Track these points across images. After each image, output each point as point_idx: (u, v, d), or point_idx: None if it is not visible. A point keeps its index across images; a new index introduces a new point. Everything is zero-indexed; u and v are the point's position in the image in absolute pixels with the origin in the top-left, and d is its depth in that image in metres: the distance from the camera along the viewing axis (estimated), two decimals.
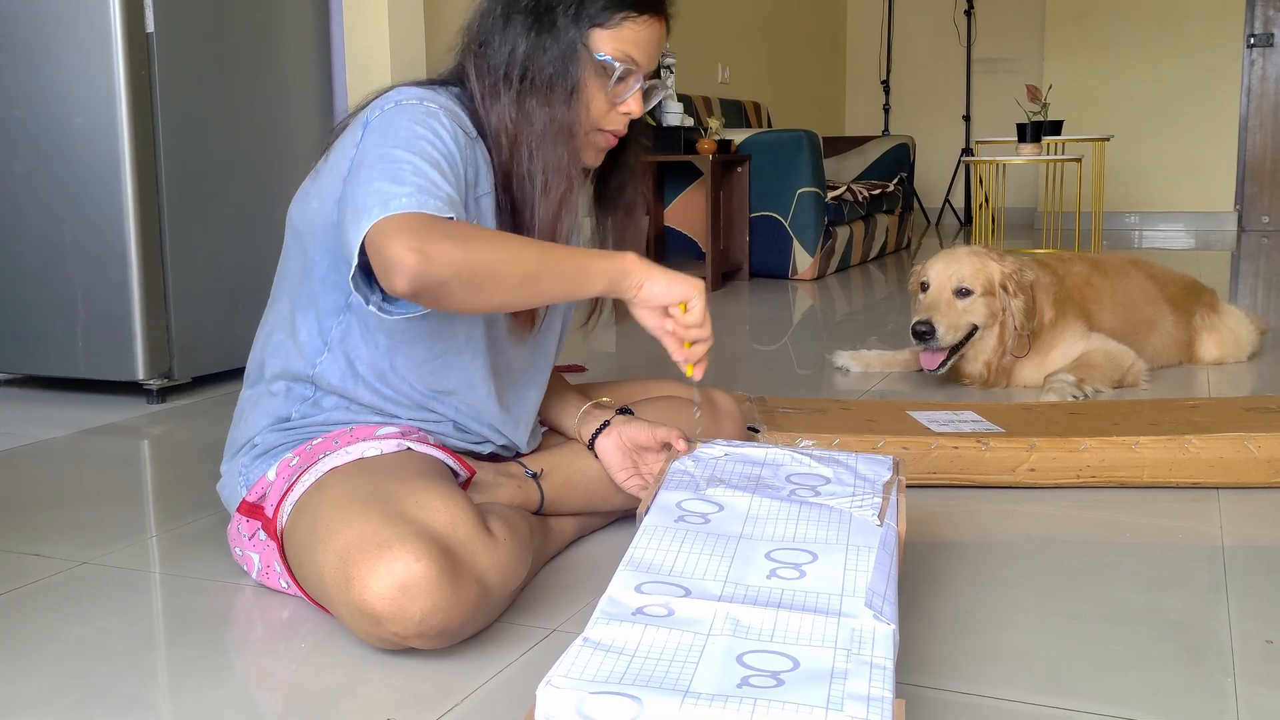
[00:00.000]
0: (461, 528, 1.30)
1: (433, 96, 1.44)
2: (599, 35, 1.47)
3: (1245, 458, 1.94)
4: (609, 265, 1.38)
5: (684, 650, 1.06)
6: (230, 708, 1.21)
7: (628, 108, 1.52)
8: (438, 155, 1.36)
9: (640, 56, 1.50)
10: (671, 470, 1.48)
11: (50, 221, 2.73)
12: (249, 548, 1.51)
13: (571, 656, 1.04)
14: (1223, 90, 7.83)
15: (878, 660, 1.05)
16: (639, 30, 1.49)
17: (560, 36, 1.46)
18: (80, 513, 1.90)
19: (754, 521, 1.33)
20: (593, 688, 0.99)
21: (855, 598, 1.16)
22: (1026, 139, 5.74)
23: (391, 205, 1.26)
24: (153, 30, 2.67)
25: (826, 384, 2.88)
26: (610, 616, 1.11)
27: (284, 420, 1.52)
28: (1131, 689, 1.23)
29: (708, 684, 1.00)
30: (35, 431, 2.48)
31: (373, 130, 1.40)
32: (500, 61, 1.47)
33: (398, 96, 1.43)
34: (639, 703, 0.97)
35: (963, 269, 2.68)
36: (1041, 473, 1.96)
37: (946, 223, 8.58)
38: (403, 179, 1.30)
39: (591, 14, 1.46)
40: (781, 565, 1.23)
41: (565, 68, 1.46)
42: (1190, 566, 1.60)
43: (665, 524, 1.32)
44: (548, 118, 1.46)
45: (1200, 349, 3.06)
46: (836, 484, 1.45)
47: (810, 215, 5.13)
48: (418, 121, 1.38)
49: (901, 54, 8.94)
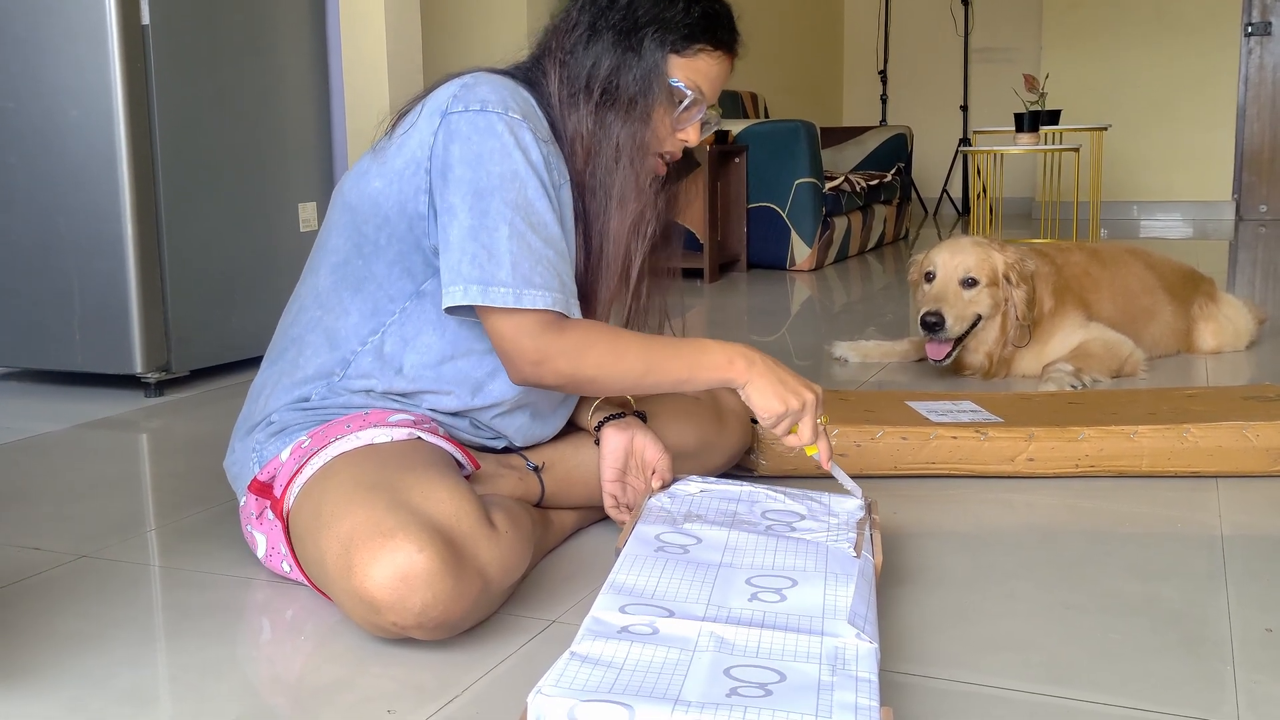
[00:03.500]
0: (465, 519, 1.30)
1: (513, 99, 1.45)
2: (675, 62, 1.52)
3: (1244, 446, 1.94)
4: (715, 372, 1.48)
5: (671, 664, 1.08)
6: (230, 701, 1.21)
7: (686, 135, 1.56)
8: (543, 204, 1.42)
9: (706, 88, 1.55)
10: (648, 506, 1.51)
11: (45, 214, 2.72)
12: (256, 527, 1.51)
13: (560, 668, 1.05)
14: (1221, 79, 7.81)
15: (862, 674, 1.06)
16: (711, 64, 1.54)
17: (645, 57, 1.50)
18: (78, 506, 1.89)
19: (733, 551, 1.37)
20: (584, 696, 1.00)
21: (837, 618, 1.18)
22: (1024, 129, 5.73)
23: (524, 300, 1.39)
24: (148, 22, 2.66)
25: (825, 374, 2.88)
26: (596, 634, 1.13)
27: (303, 400, 1.52)
28: (1131, 678, 1.24)
29: (697, 694, 1.01)
30: (33, 425, 2.48)
31: (462, 140, 1.42)
32: (583, 72, 1.51)
33: (481, 94, 1.43)
34: (630, 710, 0.98)
35: (968, 259, 2.68)
36: (1040, 462, 1.96)
37: (944, 213, 8.57)
38: (534, 267, 1.39)
39: (673, 41, 1.51)
40: (762, 590, 1.26)
41: (646, 87, 1.50)
42: (1189, 555, 1.60)
43: (645, 553, 1.34)
44: (625, 133, 1.50)
45: (1198, 338, 3.06)
46: (811, 520, 1.49)
47: (808, 206, 5.13)
48: (510, 151, 1.41)
49: (899, 44, 8.92)
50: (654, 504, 1.52)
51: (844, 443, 1.97)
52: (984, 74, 8.69)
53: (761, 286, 4.71)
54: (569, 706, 0.99)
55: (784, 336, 3.49)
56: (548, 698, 1.00)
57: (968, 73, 8.71)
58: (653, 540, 1.39)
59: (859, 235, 5.78)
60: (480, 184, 1.40)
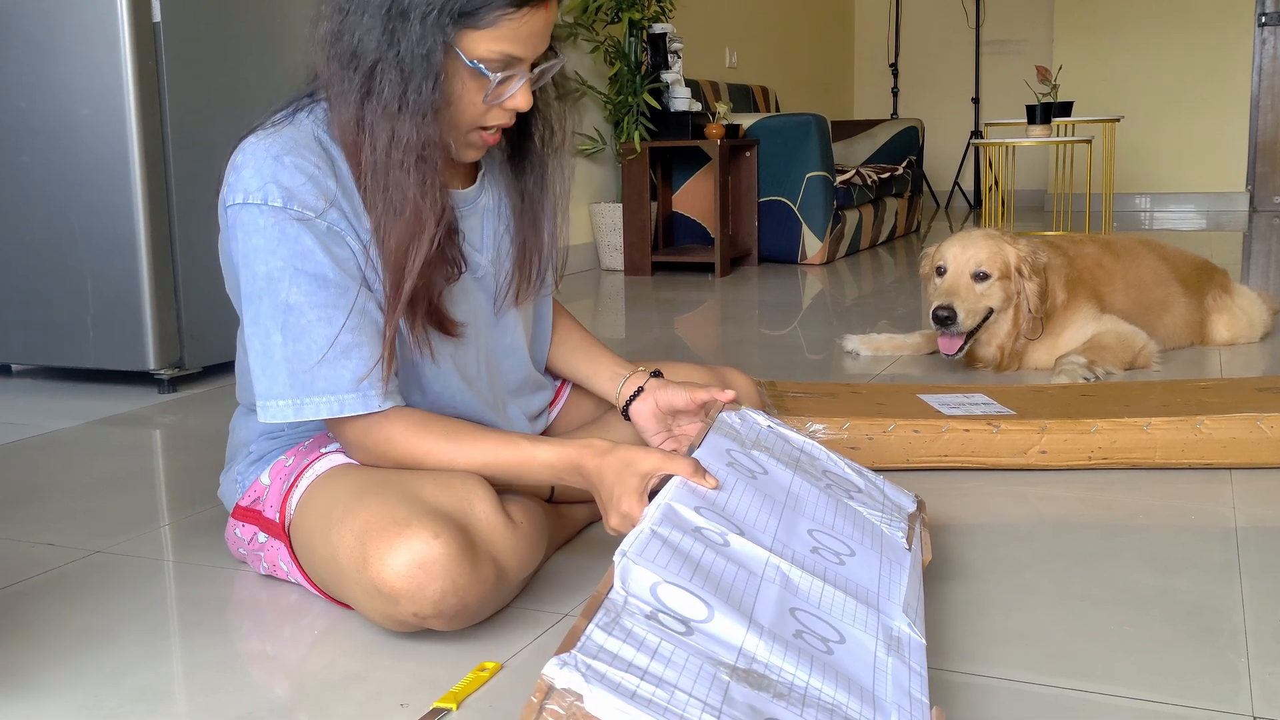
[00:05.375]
0: (479, 507, 1.30)
1: (278, 171, 1.29)
2: (473, 38, 1.28)
3: (1258, 438, 1.94)
4: (551, 471, 1.33)
5: (743, 580, 1.05)
6: (243, 695, 1.21)
7: (514, 103, 1.35)
8: (321, 297, 1.29)
9: (524, 51, 1.31)
10: (720, 420, 1.44)
11: (58, 212, 2.73)
12: (249, 550, 1.51)
13: (644, 541, 1.02)
14: (1234, 70, 7.77)
15: (914, 666, 1.05)
16: (519, 25, 1.28)
17: (414, 44, 1.26)
18: (92, 502, 1.90)
19: (795, 497, 1.32)
20: (668, 575, 0.97)
21: (893, 601, 1.15)
22: (1036, 121, 5.71)
23: (305, 411, 1.31)
24: (159, 20, 2.67)
25: (836, 368, 2.88)
26: (673, 524, 1.09)
27: (274, 430, 1.51)
28: (1145, 670, 1.23)
29: (768, 619, 0.99)
30: (47, 422, 2.49)
31: (235, 239, 1.31)
32: (346, 69, 1.29)
33: (243, 181, 1.30)
34: (711, 610, 0.96)
35: (979, 253, 2.67)
36: (1053, 455, 1.95)
37: (956, 206, 8.55)
38: (312, 370, 1.29)
39: (457, 16, 1.26)
40: (822, 547, 1.22)
41: (420, 81, 1.27)
42: (1203, 547, 1.60)
43: (717, 463, 1.29)
44: (401, 133, 1.28)
45: (1212, 330, 3.04)
46: (866, 495, 1.45)
47: (819, 199, 5.12)
48: (274, 248, 1.28)
49: (910, 36, 8.89)
50: (725, 418, 1.45)
51: (856, 435, 1.96)
52: (995, 66, 8.66)
53: (773, 280, 4.70)
54: (653, 581, 0.97)
55: (795, 330, 3.49)
56: (634, 563, 0.98)
57: (979, 65, 8.68)
58: (724, 453, 1.34)
59: (870, 229, 5.76)
60: (251, 289, 1.32)
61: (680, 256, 4.99)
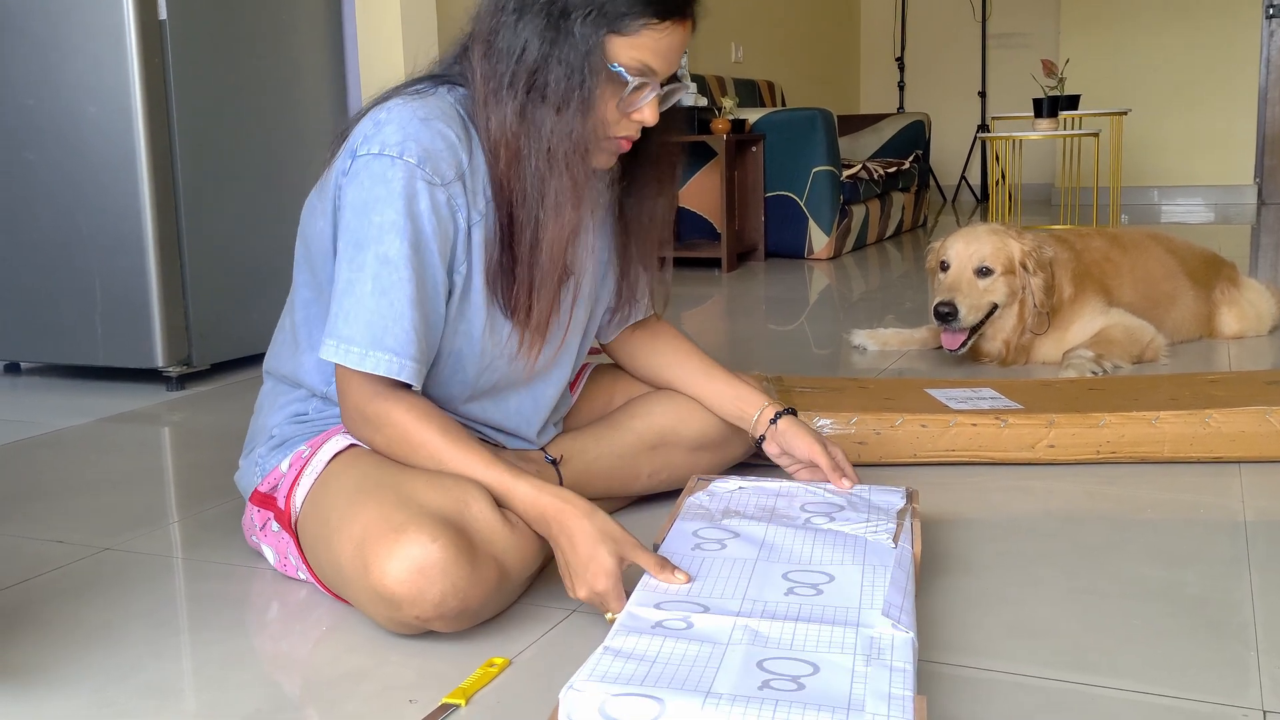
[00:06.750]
0: (475, 508, 1.30)
1: (422, 134, 1.35)
2: (616, 43, 1.35)
3: (1266, 431, 1.93)
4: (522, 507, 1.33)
5: (704, 657, 1.08)
6: (252, 691, 1.22)
7: (640, 116, 1.41)
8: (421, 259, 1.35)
9: (659, 64, 1.38)
10: (687, 504, 1.51)
11: (66, 210, 2.74)
12: (261, 538, 1.52)
13: (594, 662, 1.06)
14: (1242, 62, 7.75)
15: (897, 664, 1.06)
16: (660, 38, 1.36)
17: (577, 44, 1.33)
18: (101, 499, 1.91)
19: (770, 547, 1.37)
20: (615, 689, 1.00)
21: (873, 609, 1.17)
22: (1043, 114, 5.70)
23: (367, 362, 1.34)
24: (165, 18, 2.67)
25: (844, 363, 2.87)
26: (630, 630, 1.13)
27: (300, 415, 1.52)
28: (1153, 664, 1.23)
29: (729, 686, 1.01)
30: (55, 420, 2.50)
31: (356, 185, 1.35)
32: (508, 63, 1.35)
33: (385, 135, 1.35)
34: (661, 703, 0.98)
35: (983, 248, 2.67)
36: (1061, 449, 1.95)
37: (963, 200, 8.53)
38: (390, 327, 1.34)
39: (610, 20, 1.34)
40: (799, 585, 1.25)
41: (581, 79, 1.34)
42: (1211, 541, 1.59)
43: (683, 551, 1.35)
44: (559, 133, 1.35)
45: (1220, 323, 3.04)
46: (850, 510, 1.48)
47: (825, 194, 5.11)
48: (394, 199, 1.33)
49: (916, 30, 8.87)
50: (693, 501, 1.52)
51: (863, 430, 1.96)
52: (1002, 59, 8.64)
53: (779, 275, 4.70)
54: (600, 701, 0.99)
55: (802, 325, 3.48)
56: (579, 693, 1.00)
57: (985, 58, 8.67)
58: (690, 537, 1.39)
59: (877, 223, 5.75)
60: (359, 234, 1.35)
61: (687, 252, 4.99)
